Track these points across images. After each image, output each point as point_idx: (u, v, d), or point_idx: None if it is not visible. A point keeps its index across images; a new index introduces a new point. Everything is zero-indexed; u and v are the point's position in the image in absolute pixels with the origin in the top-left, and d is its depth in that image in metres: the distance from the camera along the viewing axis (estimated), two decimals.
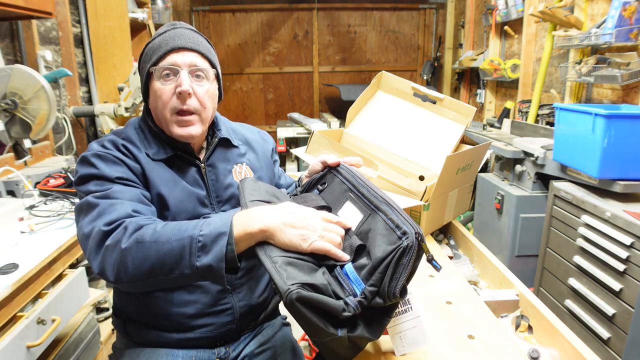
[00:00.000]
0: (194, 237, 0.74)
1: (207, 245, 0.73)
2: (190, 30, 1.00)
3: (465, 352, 0.88)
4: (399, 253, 0.69)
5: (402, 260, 0.69)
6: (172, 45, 0.95)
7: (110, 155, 0.92)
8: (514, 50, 3.38)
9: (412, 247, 0.69)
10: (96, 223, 0.81)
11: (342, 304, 0.69)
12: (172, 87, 0.95)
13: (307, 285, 0.67)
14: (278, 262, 0.71)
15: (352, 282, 0.73)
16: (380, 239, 0.73)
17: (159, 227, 0.77)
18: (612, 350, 1.60)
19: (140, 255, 0.75)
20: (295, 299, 0.64)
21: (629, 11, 1.98)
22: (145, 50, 1.00)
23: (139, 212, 0.85)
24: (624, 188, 1.68)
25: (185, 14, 4.56)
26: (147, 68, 0.97)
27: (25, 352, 1.09)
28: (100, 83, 2.85)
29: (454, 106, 1.62)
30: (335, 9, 4.69)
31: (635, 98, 2.15)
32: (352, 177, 0.90)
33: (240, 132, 1.16)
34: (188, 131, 0.97)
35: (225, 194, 1.05)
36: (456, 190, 1.51)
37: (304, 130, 3.93)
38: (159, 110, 0.97)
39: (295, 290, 0.64)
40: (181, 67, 0.95)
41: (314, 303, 0.66)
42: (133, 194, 0.89)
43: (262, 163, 1.15)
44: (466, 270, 1.32)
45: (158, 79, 0.96)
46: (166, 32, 0.98)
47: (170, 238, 0.75)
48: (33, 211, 1.51)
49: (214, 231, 0.74)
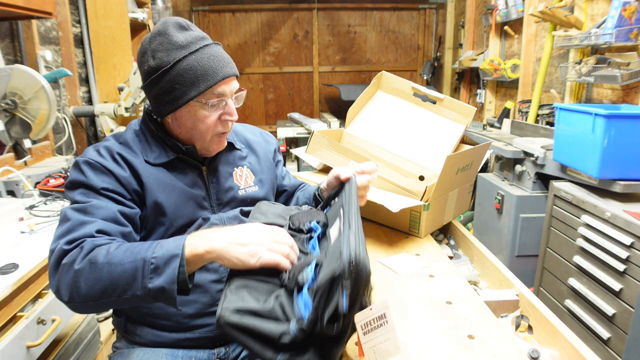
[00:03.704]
0: (146, 259, 0.75)
1: (160, 268, 0.74)
2: (220, 47, 0.98)
3: (465, 352, 0.88)
4: (331, 279, 0.64)
5: (333, 287, 0.64)
6: (221, 76, 0.94)
7: (99, 165, 0.91)
8: (514, 50, 3.38)
9: (340, 275, 0.63)
10: (60, 240, 0.82)
11: (281, 330, 0.68)
12: (217, 114, 0.97)
13: (244, 311, 0.69)
14: (232, 285, 0.74)
15: (301, 306, 0.70)
16: (330, 262, 0.70)
17: (113, 249, 0.78)
18: (612, 350, 1.60)
19: (92, 277, 0.76)
20: (224, 324, 0.68)
21: (629, 11, 1.98)
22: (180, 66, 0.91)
23: (106, 232, 0.85)
24: (624, 188, 1.68)
25: (185, 14, 4.56)
26: (188, 96, 0.92)
27: (25, 352, 1.09)
28: (100, 83, 2.85)
29: (454, 106, 1.62)
30: (335, 9, 4.68)
31: (635, 98, 2.15)
32: (347, 193, 0.90)
33: (242, 134, 1.16)
34: (223, 145, 1.04)
35: (226, 197, 1.05)
36: (456, 190, 1.51)
37: (304, 130, 3.93)
38: (197, 132, 0.98)
39: (225, 316, 0.68)
40: (228, 96, 0.97)
41: (245, 328, 0.68)
42: (109, 212, 0.88)
43: (264, 166, 1.15)
44: (466, 270, 1.32)
45: (202, 107, 0.95)
46: (198, 50, 0.93)
47: (123, 260, 0.76)
48: (33, 211, 1.51)
49: (166, 253, 0.75)
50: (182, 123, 0.98)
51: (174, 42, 0.92)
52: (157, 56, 0.93)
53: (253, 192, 1.10)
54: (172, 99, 0.94)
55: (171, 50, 0.92)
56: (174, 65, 0.91)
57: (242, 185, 1.08)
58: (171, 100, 0.94)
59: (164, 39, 0.93)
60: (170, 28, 0.94)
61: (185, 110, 0.95)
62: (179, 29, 0.94)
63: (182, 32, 0.94)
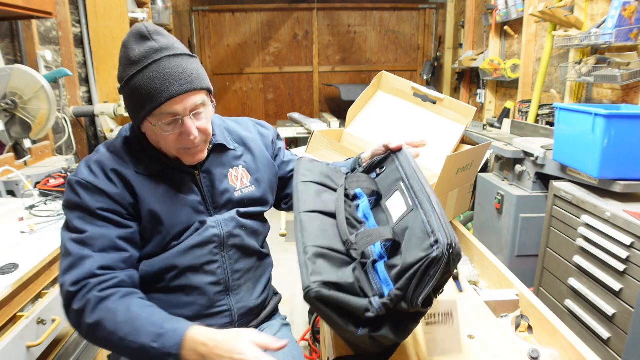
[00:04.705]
0: (145, 346, 0.80)
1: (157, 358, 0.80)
2: (174, 58, 0.89)
3: (465, 352, 0.88)
4: (426, 263, 0.65)
5: (429, 271, 0.65)
6: (166, 96, 0.87)
7: (91, 186, 0.91)
8: (514, 50, 3.38)
9: (441, 259, 0.64)
10: (65, 278, 0.86)
11: (365, 304, 0.68)
12: (176, 133, 0.92)
13: (331, 284, 0.67)
14: (309, 252, 0.71)
15: (380, 282, 0.71)
16: (414, 242, 0.70)
17: (120, 317, 0.82)
18: (612, 350, 1.60)
19: (102, 337, 0.84)
20: (314, 297, 0.65)
21: (629, 11, 1.98)
22: (130, 85, 0.89)
23: (108, 267, 0.88)
24: (624, 188, 1.68)
25: (185, 14, 4.56)
26: (140, 115, 0.90)
27: (25, 352, 1.09)
28: (100, 83, 2.85)
29: (454, 106, 1.62)
30: (335, 9, 4.69)
31: (635, 98, 2.15)
32: (408, 167, 0.86)
33: (235, 132, 1.12)
34: (198, 158, 0.99)
35: (222, 200, 1.03)
36: (456, 190, 1.51)
37: (304, 130, 3.93)
38: (163, 147, 0.96)
39: (315, 289, 0.65)
40: (182, 115, 0.90)
41: (333, 302, 0.66)
42: (107, 240, 0.89)
43: (260, 164, 1.12)
44: (466, 270, 1.32)
45: (156, 125, 0.90)
46: (147, 67, 0.87)
47: (127, 337, 0.81)
48: (33, 211, 1.51)
49: (164, 349, 0.79)
50: (150, 137, 0.96)
51: (129, 57, 0.90)
52: (119, 69, 0.93)
53: (249, 192, 1.07)
54: (132, 114, 0.94)
55: (126, 66, 0.90)
56: (126, 82, 0.90)
57: (238, 186, 1.06)
58: (132, 115, 0.94)
59: (124, 51, 0.91)
60: (131, 39, 0.91)
61: (145, 126, 0.93)
62: (139, 39, 0.90)
63: (140, 44, 0.89)
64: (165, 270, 0.97)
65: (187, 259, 0.98)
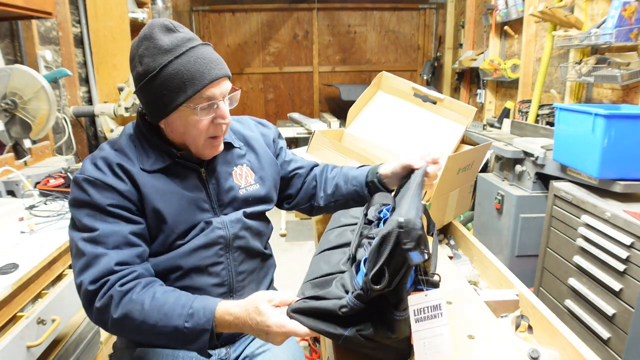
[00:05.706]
0: (178, 328, 0.81)
1: (191, 339, 0.82)
2: (209, 48, 0.94)
3: (465, 352, 0.88)
4: (379, 241, 0.67)
5: (381, 248, 0.67)
6: (209, 79, 0.90)
7: (100, 182, 0.90)
8: (514, 50, 3.38)
9: (390, 234, 0.65)
10: (83, 278, 0.86)
11: (338, 303, 0.71)
12: (209, 118, 0.94)
13: (307, 298, 0.76)
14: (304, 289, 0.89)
15: (359, 279, 0.72)
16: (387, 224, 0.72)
17: (147, 306, 0.83)
18: (612, 350, 1.60)
19: (131, 328, 0.84)
20: (292, 311, 0.77)
21: (629, 11, 1.98)
22: (165, 72, 0.89)
23: (124, 262, 0.88)
24: (624, 188, 1.68)
25: (185, 14, 4.56)
26: (176, 101, 0.90)
27: (25, 352, 1.09)
28: (100, 83, 2.85)
29: (454, 106, 1.62)
30: (335, 9, 4.69)
31: (635, 98, 2.15)
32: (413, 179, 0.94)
33: (239, 131, 1.13)
34: (218, 150, 1.01)
35: (227, 198, 1.04)
36: (457, 190, 1.51)
37: (304, 130, 3.93)
38: (190, 137, 0.95)
39: (292, 305, 0.77)
40: (219, 99, 0.93)
41: (307, 311, 0.75)
42: (119, 237, 0.89)
43: (263, 162, 1.12)
44: (466, 270, 1.32)
45: (193, 112, 0.91)
46: (184, 53, 0.90)
47: (157, 323, 0.82)
48: (33, 211, 1.51)
49: (197, 327, 0.81)
50: (175, 128, 0.95)
51: (160, 47, 0.89)
52: (144, 62, 0.90)
53: (254, 190, 1.08)
54: (162, 105, 0.92)
55: (157, 55, 0.89)
56: (160, 70, 0.89)
57: (242, 184, 1.06)
58: (161, 106, 0.92)
59: (150, 43, 0.90)
60: (156, 31, 0.91)
61: (175, 115, 0.93)
62: (165, 31, 0.91)
63: (168, 35, 0.91)
64: (169, 270, 0.97)
65: (192, 260, 0.98)
